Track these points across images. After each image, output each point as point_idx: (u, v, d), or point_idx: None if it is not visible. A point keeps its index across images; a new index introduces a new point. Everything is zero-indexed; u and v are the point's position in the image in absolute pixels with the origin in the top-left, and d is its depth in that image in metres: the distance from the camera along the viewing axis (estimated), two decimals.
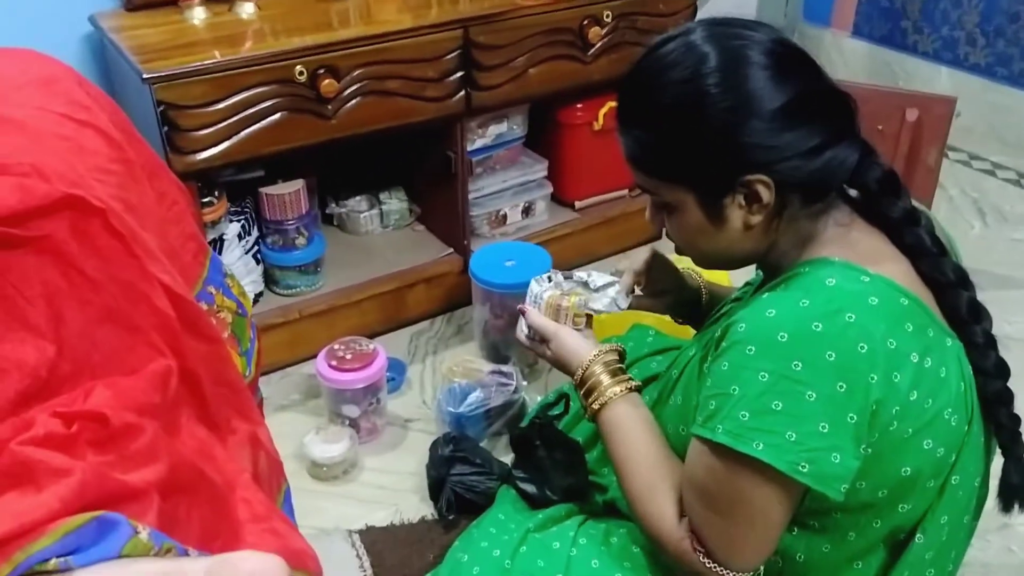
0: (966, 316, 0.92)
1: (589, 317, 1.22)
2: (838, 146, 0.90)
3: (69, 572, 0.48)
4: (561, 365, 1.16)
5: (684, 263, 1.21)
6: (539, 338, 1.20)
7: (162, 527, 0.54)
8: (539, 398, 1.69)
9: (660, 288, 1.27)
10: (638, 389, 1.09)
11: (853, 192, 0.98)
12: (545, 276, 1.29)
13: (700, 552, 0.93)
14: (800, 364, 0.84)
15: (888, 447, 0.87)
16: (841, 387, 0.83)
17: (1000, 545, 1.48)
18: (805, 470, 0.84)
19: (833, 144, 0.90)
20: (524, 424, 1.52)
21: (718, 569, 0.92)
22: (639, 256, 1.26)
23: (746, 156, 0.89)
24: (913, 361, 0.86)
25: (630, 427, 1.05)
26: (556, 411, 1.42)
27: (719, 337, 0.92)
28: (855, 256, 0.90)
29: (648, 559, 1.08)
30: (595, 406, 1.07)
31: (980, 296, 0.95)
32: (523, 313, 1.22)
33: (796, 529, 0.96)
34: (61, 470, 0.52)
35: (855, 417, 0.84)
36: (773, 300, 0.88)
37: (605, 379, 1.08)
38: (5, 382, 0.57)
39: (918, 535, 0.94)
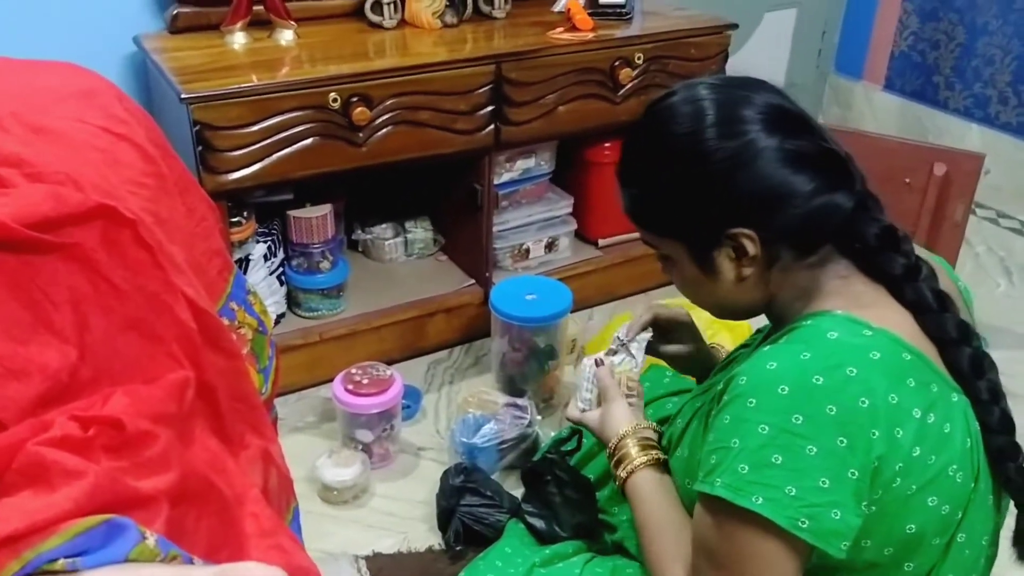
0: (968, 371, 0.91)
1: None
2: (824, 198, 0.91)
3: (76, 573, 0.49)
4: (601, 431, 1.16)
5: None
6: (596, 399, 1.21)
7: (170, 535, 0.55)
8: (553, 433, 1.69)
9: (675, 342, 1.30)
10: (664, 463, 1.09)
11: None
12: (602, 355, 1.28)
13: None
14: (800, 418, 0.83)
15: (892, 504, 0.86)
16: (842, 442, 0.82)
17: None
18: (804, 526, 0.82)
19: (823, 200, 0.91)
20: (537, 458, 1.51)
21: None
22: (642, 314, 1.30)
23: (733, 210, 0.91)
24: (916, 417, 0.85)
25: (650, 495, 1.05)
26: (569, 447, 1.42)
27: (721, 391, 0.92)
28: (858, 309, 0.90)
29: None
30: (622, 475, 1.08)
31: (1003, 356, 0.94)
32: (598, 363, 1.23)
33: None
34: (75, 472, 0.53)
35: (856, 473, 0.83)
36: (774, 353, 0.88)
37: (634, 451, 1.09)
38: (27, 384, 0.58)
39: None
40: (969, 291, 1.01)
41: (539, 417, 1.75)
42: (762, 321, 1.07)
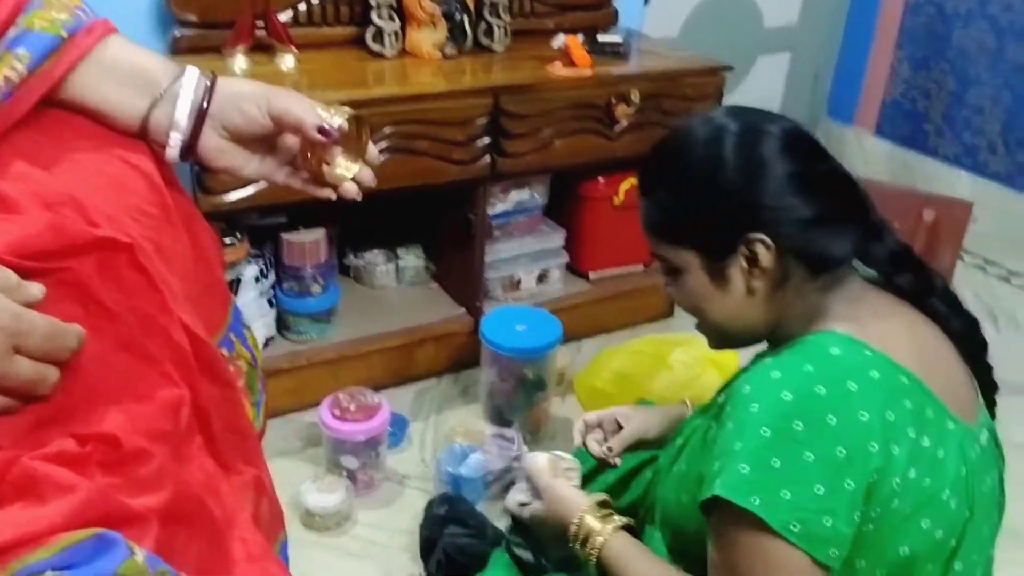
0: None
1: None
2: (841, 222, 0.96)
3: None
4: (554, 519, 1.15)
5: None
6: (533, 491, 1.21)
7: (159, 555, 0.55)
8: None
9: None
10: (628, 527, 1.10)
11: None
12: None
13: None
14: (801, 425, 0.85)
15: (887, 525, 0.88)
16: (841, 452, 0.84)
17: None
18: (795, 530, 0.84)
19: (836, 219, 0.95)
20: None
21: None
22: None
23: (750, 215, 0.94)
24: (910, 436, 0.88)
25: (631, 557, 1.06)
26: None
27: (723, 403, 0.94)
28: (860, 333, 0.93)
29: None
30: (593, 552, 1.07)
31: None
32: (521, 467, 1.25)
33: None
34: (66, 486, 0.52)
35: (852, 484, 0.85)
36: (777, 363, 0.91)
37: (596, 525, 1.08)
38: (26, 408, 0.58)
39: None
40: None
41: (526, 448, 1.75)
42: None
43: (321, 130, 0.81)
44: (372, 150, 0.90)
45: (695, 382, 1.84)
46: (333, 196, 0.90)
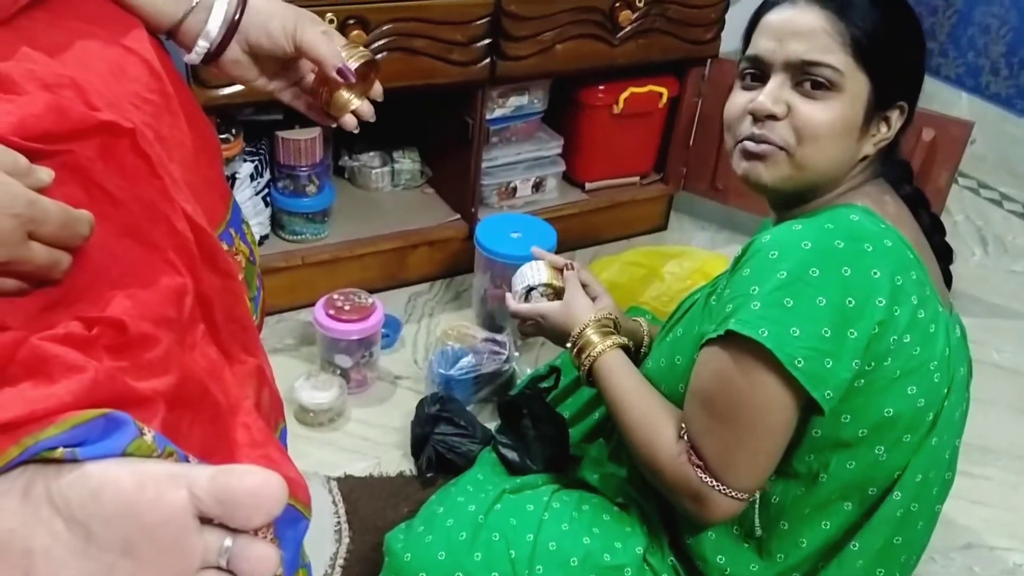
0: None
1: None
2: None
3: (75, 463, 0.50)
4: (562, 322, 1.21)
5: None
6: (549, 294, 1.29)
7: (164, 436, 0.56)
8: (529, 370, 1.71)
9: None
10: (625, 347, 1.17)
11: None
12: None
13: (698, 467, 0.97)
14: (817, 271, 0.90)
15: (877, 382, 0.93)
16: (850, 302, 0.89)
17: (962, 564, 1.51)
18: (800, 365, 0.89)
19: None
20: (514, 393, 1.54)
21: (713, 483, 0.96)
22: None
23: (916, 84, 1.02)
24: (912, 303, 0.93)
25: (623, 372, 1.12)
26: (546, 384, 1.44)
27: (739, 256, 0.98)
28: (879, 210, 0.99)
29: (616, 527, 1.11)
30: (587, 361, 1.15)
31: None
32: (570, 267, 1.31)
33: (773, 474, 1.00)
34: (75, 366, 0.53)
35: (855, 334, 0.90)
36: (799, 221, 0.95)
37: (595, 338, 1.16)
38: (33, 291, 0.58)
39: (895, 491, 0.99)
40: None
41: (517, 353, 1.78)
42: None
43: (340, 71, 0.86)
44: (377, 88, 0.95)
45: (686, 293, 1.86)
46: (333, 124, 0.96)
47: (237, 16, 0.83)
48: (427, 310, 2.00)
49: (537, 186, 2.16)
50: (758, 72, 1.00)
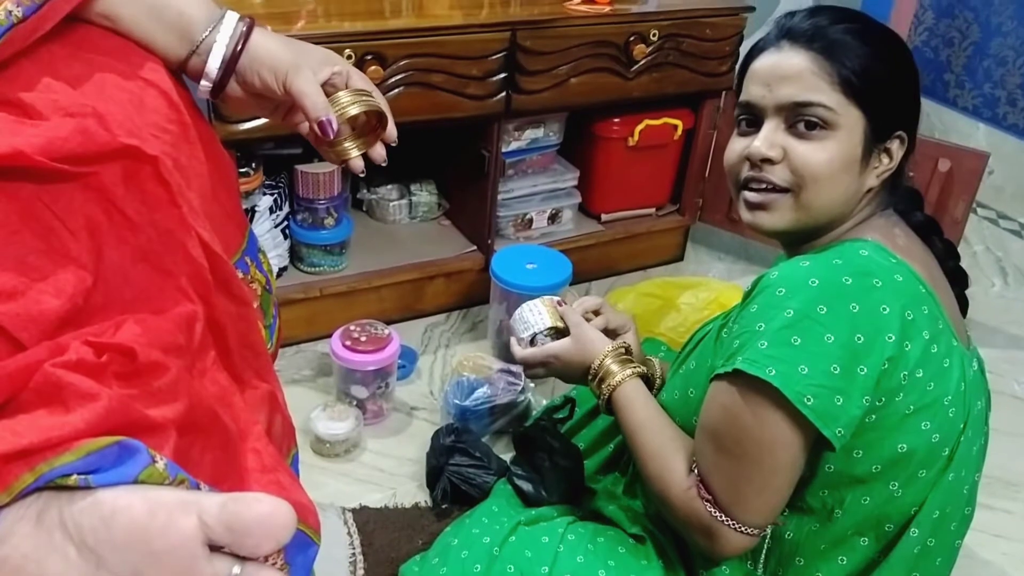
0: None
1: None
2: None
3: (88, 490, 0.51)
4: (579, 357, 1.21)
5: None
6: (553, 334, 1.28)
7: (176, 463, 0.57)
8: (544, 402, 1.71)
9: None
10: (643, 376, 1.17)
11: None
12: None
13: (707, 501, 0.96)
14: (825, 308, 0.89)
15: (890, 418, 0.92)
16: (859, 339, 0.88)
17: None
18: (809, 403, 0.88)
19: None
20: (528, 424, 1.54)
21: (722, 517, 0.95)
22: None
23: (912, 113, 1.03)
24: (924, 338, 0.92)
25: (640, 402, 1.12)
26: (561, 415, 1.44)
27: (748, 292, 0.98)
28: (889, 244, 0.98)
29: (632, 560, 1.10)
30: (606, 390, 1.15)
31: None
32: (561, 303, 1.32)
33: (786, 509, 0.99)
34: (89, 394, 0.54)
35: (865, 370, 0.89)
36: (807, 257, 0.95)
37: (615, 367, 1.16)
38: (47, 307, 0.59)
39: (912, 528, 0.98)
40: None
41: (532, 385, 1.77)
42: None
43: (320, 125, 0.84)
44: (391, 132, 0.93)
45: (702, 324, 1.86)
46: (338, 163, 0.94)
47: (235, 58, 0.83)
48: (443, 341, 2.00)
49: (553, 218, 2.18)
50: (752, 118, 1.02)
